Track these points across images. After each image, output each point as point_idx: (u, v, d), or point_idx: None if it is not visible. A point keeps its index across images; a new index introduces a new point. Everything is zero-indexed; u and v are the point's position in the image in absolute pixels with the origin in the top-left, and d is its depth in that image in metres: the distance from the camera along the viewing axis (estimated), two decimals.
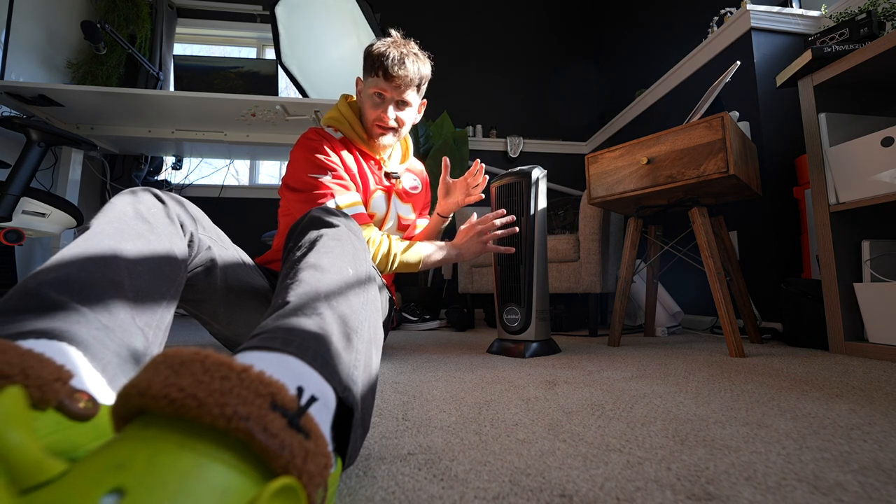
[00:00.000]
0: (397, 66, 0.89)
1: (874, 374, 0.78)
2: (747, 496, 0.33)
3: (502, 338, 1.13)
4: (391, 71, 0.89)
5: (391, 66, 0.89)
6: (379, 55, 0.90)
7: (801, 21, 1.59)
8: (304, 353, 0.32)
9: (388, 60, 0.89)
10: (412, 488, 0.35)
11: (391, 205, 1.04)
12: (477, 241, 1.00)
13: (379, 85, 0.92)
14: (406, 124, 0.98)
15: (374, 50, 0.92)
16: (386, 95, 0.93)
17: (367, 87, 0.95)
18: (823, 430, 0.48)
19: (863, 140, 1.00)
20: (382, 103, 0.94)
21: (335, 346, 0.35)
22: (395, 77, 0.90)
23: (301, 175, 0.90)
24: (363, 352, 0.39)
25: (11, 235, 1.30)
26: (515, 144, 2.81)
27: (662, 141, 1.13)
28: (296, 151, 0.93)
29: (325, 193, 0.88)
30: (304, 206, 0.88)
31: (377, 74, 0.91)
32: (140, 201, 0.51)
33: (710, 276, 1.09)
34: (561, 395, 0.66)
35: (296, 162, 0.92)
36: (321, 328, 0.36)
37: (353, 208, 0.90)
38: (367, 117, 0.96)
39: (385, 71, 0.90)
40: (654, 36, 2.36)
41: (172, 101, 1.81)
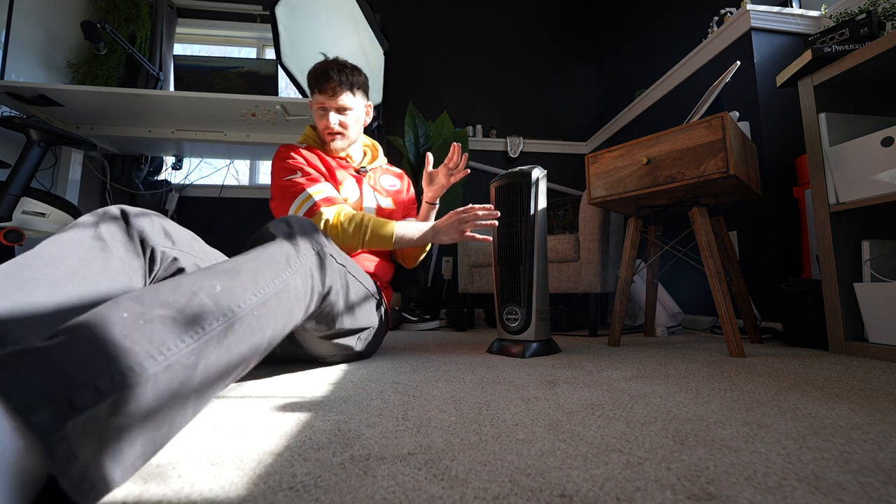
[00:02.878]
0: (324, 78, 1.05)
1: (874, 374, 0.78)
2: (747, 496, 0.33)
3: (502, 338, 1.13)
4: (321, 84, 1.05)
5: (319, 79, 1.05)
6: (310, 76, 1.07)
7: (801, 21, 1.59)
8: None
9: (317, 76, 1.05)
10: (412, 488, 0.35)
11: (363, 191, 1.13)
12: (457, 227, 1.00)
13: (318, 99, 1.07)
14: (350, 126, 1.10)
15: (309, 74, 1.07)
16: (326, 105, 1.07)
17: (313, 107, 1.10)
18: (823, 430, 0.48)
19: (863, 140, 1.00)
20: (325, 114, 1.07)
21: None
22: (326, 88, 1.05)
23: (277, 183, 1.03)
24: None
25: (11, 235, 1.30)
26: (515, 144, 2.81)
27: (662, 141, 1.13)
28: (272, 169, 1.06)
29: (298, 187, 1.00)
30: (283, 205, 1.01)
31: (315, 91, 1.07)
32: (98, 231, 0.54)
33: (710, 276, 1.09)
34: (561, 395, 0.66)
35: (272, 176, 1.05)
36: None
37: (323, 193, 1.01)
38: (319, 129, 1.10)
39: (318, 86, 1.05)
40: (654, 36, 2.36)
41: (172, 101, 1.81)
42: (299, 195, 0.99)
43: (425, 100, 2.76)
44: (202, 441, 0.46)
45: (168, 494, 0.34)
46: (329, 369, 0.89)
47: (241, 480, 0.36)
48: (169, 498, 0.33)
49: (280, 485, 0.35)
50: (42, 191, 1.38)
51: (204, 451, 0.43)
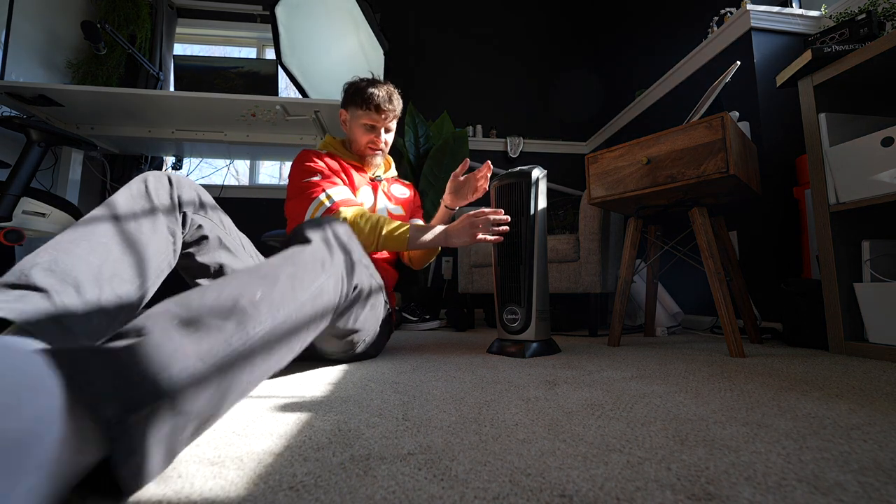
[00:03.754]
0: (388, 102, 1.11)
1: (874, 374, 0.78)
2: (747, 496, 0.33)
3: (502, 338, 1.13)
4: (383, 107, 1.11)
5: (383, 102, 1.11)
6: (370, 94, 1.10)
7: (801, 21, 1.59)
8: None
9: (380, 98, 1.10)
10: (412, 488, 0.35)
11: (377, 198, 1.18)
12: (469, 231, 1.01)
13: (371, 117, 1.12)
14: (388, 144, 1.19)
15: (364, 89, 1.11)
16: (377, 125, 1.13)
17: (356, 118, 1.13)
18: (823, 430, 0.48)
19: (863, 140, 1.00)
20: (374, 131, 1.14)
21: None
22: (386, 111, 1.12)
23: (296, 183, 1.06)
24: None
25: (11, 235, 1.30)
26: (515, 144, 2.81)
27: (662, 141, 1.13)
28: (293, 168, 1.09)
29: (315, 190, 1.03)
30: (301, 205, 1.03)
31: (368, 108, 1.11)
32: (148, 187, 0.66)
33: (710, 276, 1.09)
34: (561, 395, 0.66)
35: (291, 178, 1.08)
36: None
37: (340, 195, 1.04)
38: (360, 142, 1.14)
39: (378, 106, 1.10)
40: (654, 36, 2.36)
41: (172, 101, 1.81)
42: (318, 196, 1.02)
43: (425, 100, 2.76)
44: (202, 441, 0.46)
45: (168, 494, 0.34)
46: (329, 369, 0.89)
47: (241, 480, 0.36)
48: (169, 498, 0.33)
49: (280, 485, 0.35)
50: (42, 191, 1.38)
51: (204, 451, 0.43)
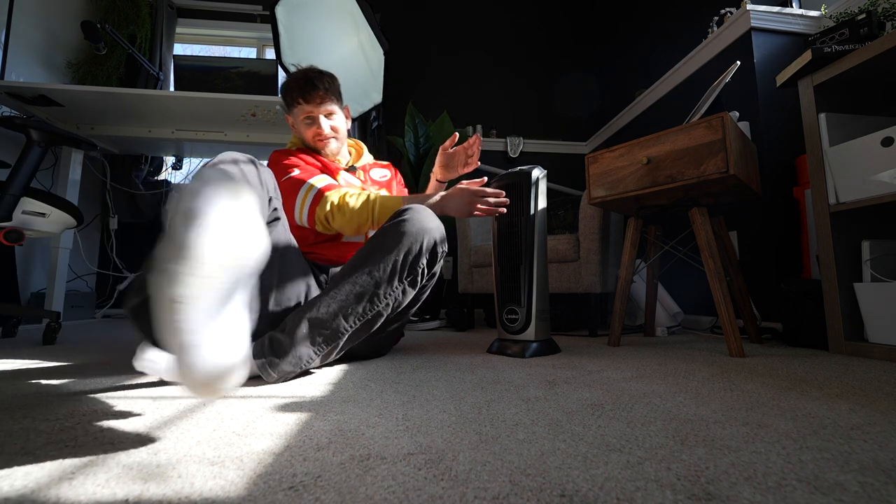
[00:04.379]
0: (309, 87, 1.05)
1: (874, 374, 0.78)
2: (747, 496, 0.33)
3: (502, 338, 1.13)
4: (307, 94, 1.06)
5: (304, 90, 1.06)
6: (292, 87, 1.07)
7: (801, 21, 1.59)
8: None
9: (301, 87, 1.06)
10: (412, 488, 0.35)
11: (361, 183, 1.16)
12: (466, 202, 0.96)
13: (304, 110, 1.07)
14: (340, 129, 1.12)
15: (286, 86, 1.08)
16: (314, 114, 1.08)
17: (297, 117, 1.10)
18: (823, 430, 0.48)
19: (863, 140, 1.00)
20: (314, 121, 1.09)
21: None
22: (313, 97, 1.06)
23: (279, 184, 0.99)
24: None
25: (11, 235, 1.29)
26: (515, 144, 2.81)
27: (662, 141, 1.13)
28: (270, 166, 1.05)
29: (298, 182, 1.00)
30: (290, 201, 1.00)
31: (298, 102, 1.07)
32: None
33: (710, 276, 1.09)
34: (561, 395, 0.66)
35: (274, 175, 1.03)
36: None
37: (322, 182, 1.01)
38: (307, 138, 1.10)
39: (303, 96, 1.06)
40: (654, 36, 2.36)
41: (172, 101, 1.81)
42: (301, 188, 0.99)
43: (425, 100, 2.76)
44: (202, 441, 0.46)
45: (168, 494, 0.34)
46: (329, 369, 0.89)
47: (241, 480, 0.36)
48: (169, 498, 0.33)
49: (280, 484, 0.35)
50: (42, 191, 1.38)
51: (204, 451, 0.43)
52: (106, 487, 0.35)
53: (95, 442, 0.45)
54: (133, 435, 0.48)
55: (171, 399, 0.64)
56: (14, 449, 0.43)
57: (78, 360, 1.00)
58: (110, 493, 0.34)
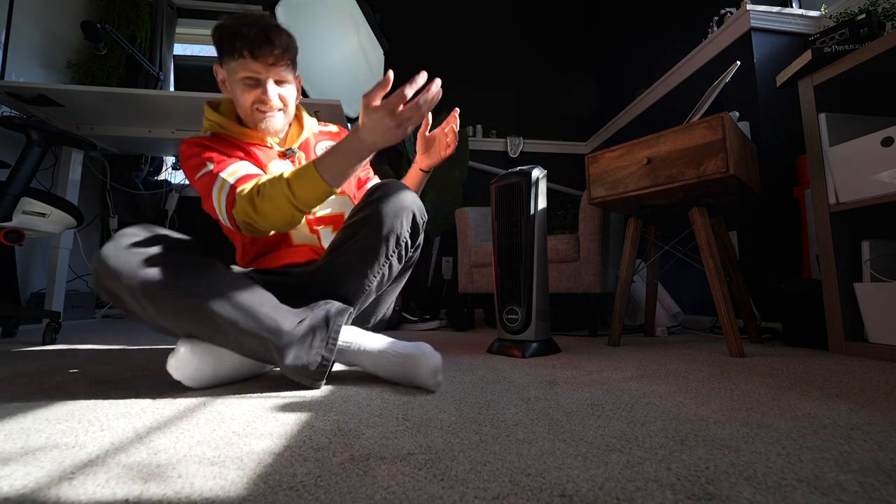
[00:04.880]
0: (261, 40, 0.80)
1: (874, 374, 0.78)
2: (747, 496, 0.33)
3: (502, 338, 1.13)
4: (256, 48, 0.80)
5: (254, 42, 0.79)
6: (234, 35, 0.79)
7: (801, 21, 1.59)
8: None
9: (249, 38, 0.79)
10: (412, 488, 0.35)
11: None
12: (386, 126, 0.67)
13: (249, 67, 0.81)
14: (290, 103, 0.89)
15: (227, 30, 0.80)
16: (261, 77, 0.83)
17: (232, 73, 0.83)
18: (823, 430, 0.48)
19: (863, 140, 1.00)
20: (258, 86, 0.84)
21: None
22: (264, 54, 0.81)
23: (192, 180, 0.83)
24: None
25: (11, 235, 1.29)
26: (515, 144, 2.81)
27: (662, 141, 1.13)
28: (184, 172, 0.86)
29: (212, 179, 0.79)
30: (207, 201, 0.82)
31: (240, 55, 0.80)
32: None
33: (710, 276, 1.09)
34: (561, 395, 0.66)
35: (188, 179, 0.86)
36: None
37: (238, 173, 0.79)
38: (243, 104, 0.84)
39: (251, 50, 0.80)
40: (654, 36, 2.36)
41: (172, 101, 1.81)
42: (215, 185, 0.79)
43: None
44: (202, 441, 0.46)
45: (168, 494, 0.34)
46: None
47: (241, 480, 0.36)
48: (169, 498, 0.33)
49: (280, 485, 0.35)
50: (42, 191, 1.38)
51: (204, 451, 0.43)
52: (106, 487, 0.35)
53: (95, 442, 0.46)
54: (133, 435, 0.48)
55: (171, 399, 0.64)
56: (14, 448, 0.43)
57: (78, 360, 1.00)
58: (110, 493, 0.34)
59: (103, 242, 2.51)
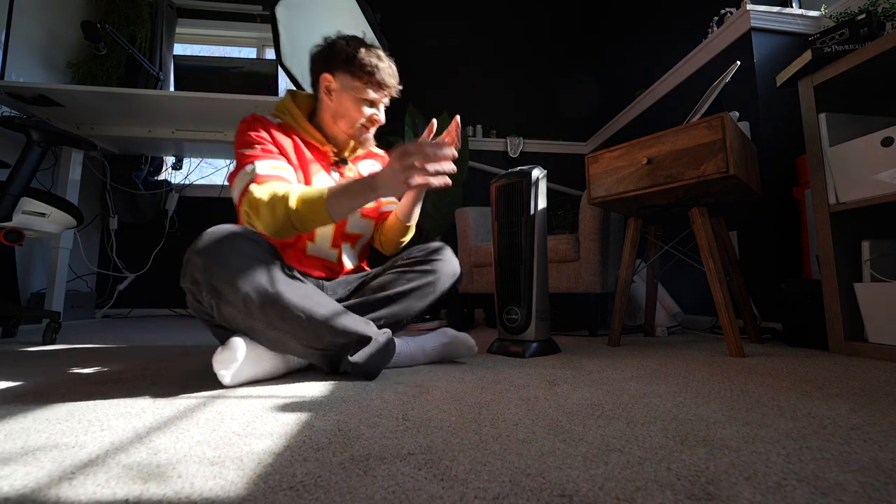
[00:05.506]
0: (391, 78, 0.98)
1: (874, 374, 0.78)
2: (747, 496, 0.33)
3: (502, 338, 1.13)
4: (388, 84, 0.97)
5: (388, 80, 0.97)
6: (370, 66, 0.94)
7: (801, 21, 1.59)
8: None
9: (385, 75, 0.96)
10: (412, 488, 0.35)
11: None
12: (399, 174, 0.74)
13: (370, 92, 0.96)
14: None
15: (361, 58, 0.94)
16: (377, 102, 0.99)
17: (352, 90, 0.95)
18: (823, 430, 0.48)
19: (863, 140, 1.00)
20: (373, 106, 0.99)
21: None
22: (388, 87, 0.98)
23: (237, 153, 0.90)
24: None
25: (11, 235, 1.30)
26: (515, 144, 2.81)
27: (662, 141, 1.13)
28: (235, 136, 0.94)
29: (248, 160, 0.86)
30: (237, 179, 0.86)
31: (370, 83, 0.96)
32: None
33: (710, 276, 1.09)
34: (561, 395, 0.66)
35: (235, 144, 0.92)
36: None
37: (267, 169, 0.85)
38: (355, 117, 0.97)
39: (381, 84, 0.96)
40: (654, 36, 2.36)
41: (172, 101, 1.81)
42: (245, 167, 0.85)
43: (425, 100, 2.76)
44: (202, 441, 0.46)
45: (168, 494, 0.34)
46: None
47: (241, 480, 0.36)
48: (169, 498, 0.33)
49: (280, 485, 0.35)
50: (42, 191, 1.38)
51: (204, 451, 0.43)
52: (106, 487, 0.35)
53: (95, 442, 0.46)
54: (133, 435, 0.48)
55: (171, 399, 0.64)
56: (14, 448, 0.43)
57: (78, 360, 1.00)
58: (110, 493, 0.34)
59: (103, 242, 2.52)
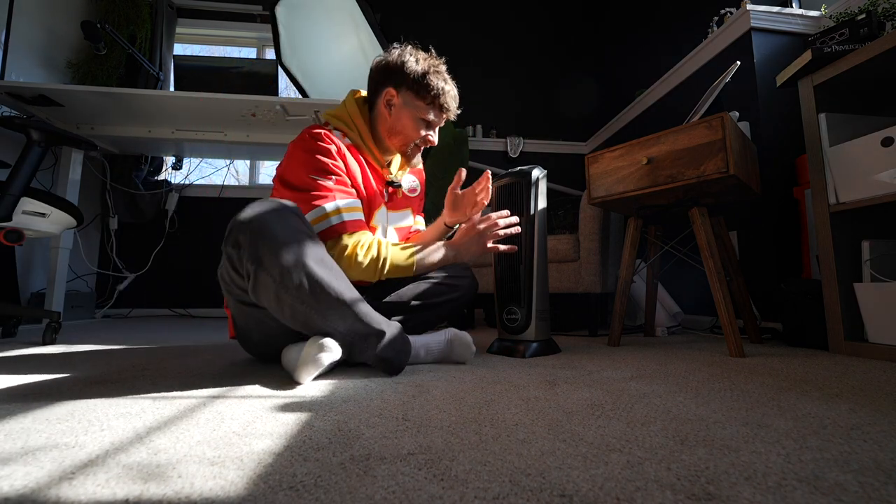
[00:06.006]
0: (454, 104, 1.00)
1: (874, 374, 0.78)
2: (747, 496, 0.33)
3: (502, 338, 1.13)
4: (450, 108, 0.99)
5: (451, 104, 0.99)
6: (436, 89, 0.96)
7: (801, 21, 1.59)
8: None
9: (449, 99, 0.98)
10: (412, 488, 0.35)
11: (388, 218, 1.05)
12: (477, 242, 0.96)
13: (431, 114, 0.98)
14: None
15: (430, 81, 0.95)
16: (433, 123, 1.00)
17: (413, 109, 0.97)
18: (823, 430, 0.48)
19: (863, 140, 1.00)
20: (429, 127, 1.00)
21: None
22: (449, 110, 0.99)
23: (302, 174, 0.88)
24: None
25: (11, 235, 1.29)
26: (515, 144, 2.81)
27: (662, 141, 1.13)
28: (299, 147, 0.91)
29: (325, 196, 0.87)
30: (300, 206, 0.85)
31: (433, 104, 0.97)
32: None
33: (710, 276, 1.09)
34: (561, 395, 0.66)
35: (298, 159, 0.90)
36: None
37: (353, 214, 0.89)
38: (411, 135, 0.98)
39: (443, 108, 0.98)
40: (654, 36, 2.36)
41: (172, 101, 1.81)
42: (323, 205, 0.86)
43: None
44: (202, 441, 0.46)
45: (168, 494, 0.34)
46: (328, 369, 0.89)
47: (241, 480, 0.36)
48: (169, 498, 0.33)
49: (280, 485, 0.35)
50: (42, 191, 1.38)
51: (204, 451, 0.43)
52: (106, 487, 0.35)
53: (95, 442, 0.46)
54: (133, 435, 0.48)
55: (171, 399, 0.64)
56: (14, 448, 0.43)
57: (78, 360, 1.00)
58: (110, 493, 0.34)
59: (103, 242, 2.52)
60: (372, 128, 1.00)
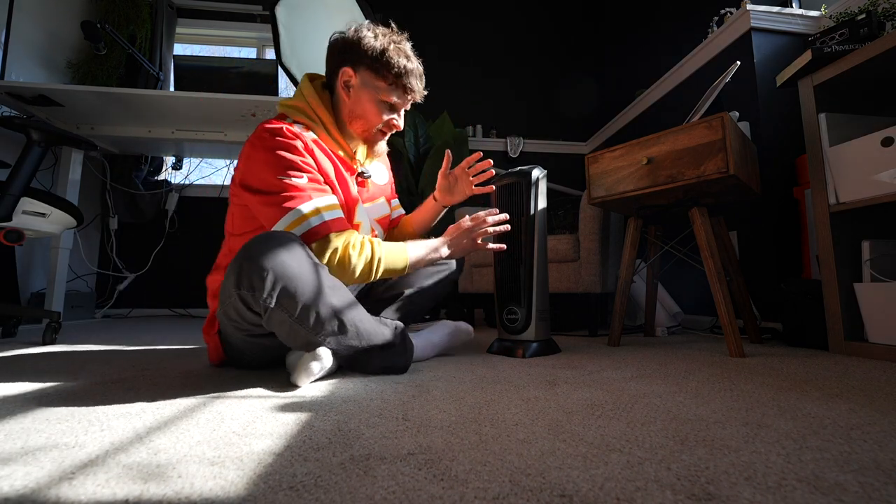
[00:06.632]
0: (418, 82, 0.90)
1: (874, 374, 0.78)
2: (747, 496, 0.33)
3: (502, 338, 1.13)
4: (414, 88, 0.89)
5: (415, 84, 0.89)
6: (398, 67, 0.85)
7: (801, 21, 1.59)
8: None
9: (412, 78, 0.88)
10: (412, 488, 0.35)
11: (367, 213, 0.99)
12: (467, 239, 0.95)
13: (394, 96, 0.88)
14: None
15: (390, 58, 0.85)
16: (398, 106, 0.91)
17: (373, 90, 0.87)
18: (823, 430, 0.48)
19: (863, 140, 1.00)
20: (393, 111, 0.91)
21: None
22: (413, 91, 0.90)
23: (267, 176, 0.77)
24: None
25: (11, 235, 1.29)
26: (515, 144, 2.81)
27: (662, 141, 1.13)
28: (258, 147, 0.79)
29: (299, 196, 0.77)
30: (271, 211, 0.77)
31: (395, 85, 0.87)
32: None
33: (710, 276, 1.09)
34: (561, 395, 0.66)
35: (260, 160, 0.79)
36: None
37: (333, 212, 0.80)
38: (373, 120, 0.89)
39: (407, 88, 0.88)
40: (654, 36, 2.36)
41: (172, 101, 1.81)
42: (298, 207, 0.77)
43: (425, 100, 2.75)
44: (202, 441, 0.46)
45: (168, 494, 0.34)
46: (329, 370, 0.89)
47: (241, 480, 0.36)
48: (169, 498, 0.33)
49: (280, 485, 0.35)
50: (42, 191, 1.38)
51: (204, 451, 0.43)
52: (106, 487, 0.35)
53: (95, 442, 0.46)
54: (133, 435, 0.48)
55: (171, 399, 0.64)
56: (14, 448, 0.43)
57: (78, 360, 1.00)
58: (110, 493, 0.34)
59: (103, 242, 2.52)
60: (335, 115, 0.90)
